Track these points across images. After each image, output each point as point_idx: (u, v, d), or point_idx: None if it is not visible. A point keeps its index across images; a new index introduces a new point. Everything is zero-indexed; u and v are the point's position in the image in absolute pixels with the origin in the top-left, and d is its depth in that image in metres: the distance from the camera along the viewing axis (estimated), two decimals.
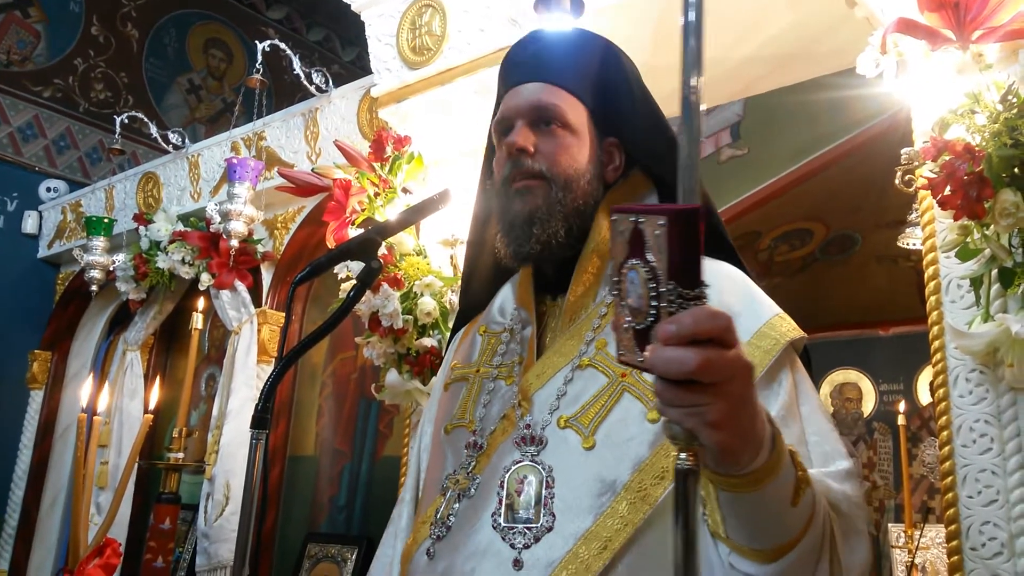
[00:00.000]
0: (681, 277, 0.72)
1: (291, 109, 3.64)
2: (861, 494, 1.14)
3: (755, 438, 0.84)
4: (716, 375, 0.74)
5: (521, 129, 1.33)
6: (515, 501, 1.17)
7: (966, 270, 1.70)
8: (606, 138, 1.37)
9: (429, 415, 1.53)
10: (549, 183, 1.30)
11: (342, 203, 2.65)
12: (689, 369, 0.72)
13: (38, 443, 4.66)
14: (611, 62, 1.40)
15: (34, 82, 5.40)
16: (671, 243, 0.72)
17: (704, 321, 0.73)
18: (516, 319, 1.40)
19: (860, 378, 6.37)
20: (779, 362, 1.19)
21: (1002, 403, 1.67)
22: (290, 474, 3.47)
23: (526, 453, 1.20)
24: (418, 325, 2.51)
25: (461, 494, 1.24)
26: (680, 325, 0.72)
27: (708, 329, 0.73)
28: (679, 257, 0.72)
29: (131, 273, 3.99)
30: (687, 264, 0.72)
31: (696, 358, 0.72)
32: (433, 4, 2.67)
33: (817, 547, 0.98)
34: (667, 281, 0.73)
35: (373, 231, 1.43)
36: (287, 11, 6.92)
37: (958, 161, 1.53)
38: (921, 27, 1.56)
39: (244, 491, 1.28)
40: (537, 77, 1.36)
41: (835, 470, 1.12)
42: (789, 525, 0.94)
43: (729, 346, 0.75)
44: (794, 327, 1.25)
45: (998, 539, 1.62)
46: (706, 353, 0.72)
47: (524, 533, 1.14)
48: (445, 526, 1.22)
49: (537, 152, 1.31)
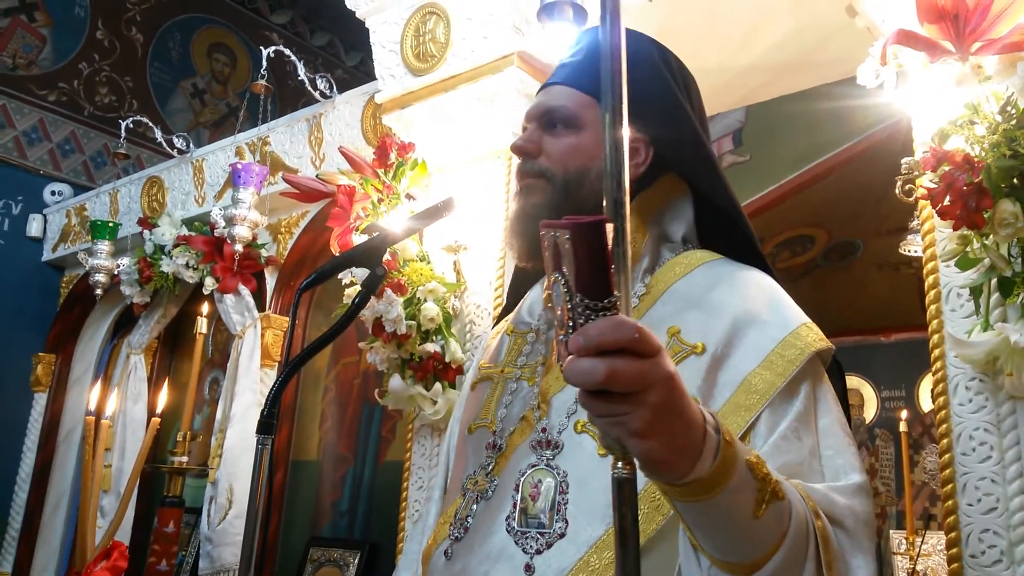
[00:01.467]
0: (588, 289, 0.73)
1: (295, 114, 3.66)
2: (870, 510, 1.12)
3: (689, 448, 0.82)
4: (627, 384, 0.74)
5: (529, 132, 1.37)
6: (529, 505, 1.17)
7: (966, 279, 1.71)
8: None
9: (457, 414, 1.54)
10: (549, 181, 1.32)
11: (346, 209, 2.66)
12: (598, 379, 0.73)
13: (42, 446, 4.67)
14: (640, 58, 1.37)
15: (39, 86, 5.43)
16: (576, 256, 0.73)
17: (608, 332, 0.73)
18: (543, 320, 1.41)
19: (862, 384, 6.37)
20: (802, 372, 1.18)
21: (1002, 411, 1.68)
22: (293, 478, 3.48)
23: (542, 457, 1.20)
24: (421, 331, 2.52)
25: (480, 495, 1.24)
26: (586, 337, 0.73)
27: (614, 339, 0.73)
28: (586, 269, 0.73)
29: (135, 277, 4.01)
30: (594, 276, 0.73)
31: (603, 368, 0.72)
32: (437, 11, 2.68)
33: (798, 561, 0.96)
34: (576, 295, 0.74)
35: (378, 238, 1.44)
36: (291, 15, 6.95)
37: (957, 171, 1.55)
38: (921, 39, 1.57)
39: (250, 496, 1.29)
40: (558, 79, 1.39)
41: (844, 484, 1.11)
42: (757, 539, 0.93)
43: (644, 355, 0.74)
44: (820, 337, 1.24)
45: (998, 547, 1.63)
46: (613, 363, 0.72)
47: (537, 538, 1.14)
48: (463, 527, 1.23)
49: (543, 153, 1.34)
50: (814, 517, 1.01)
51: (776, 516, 0.93)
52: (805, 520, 0.99)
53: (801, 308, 1.30)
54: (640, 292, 1.32)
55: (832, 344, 1.26)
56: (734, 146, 4.31)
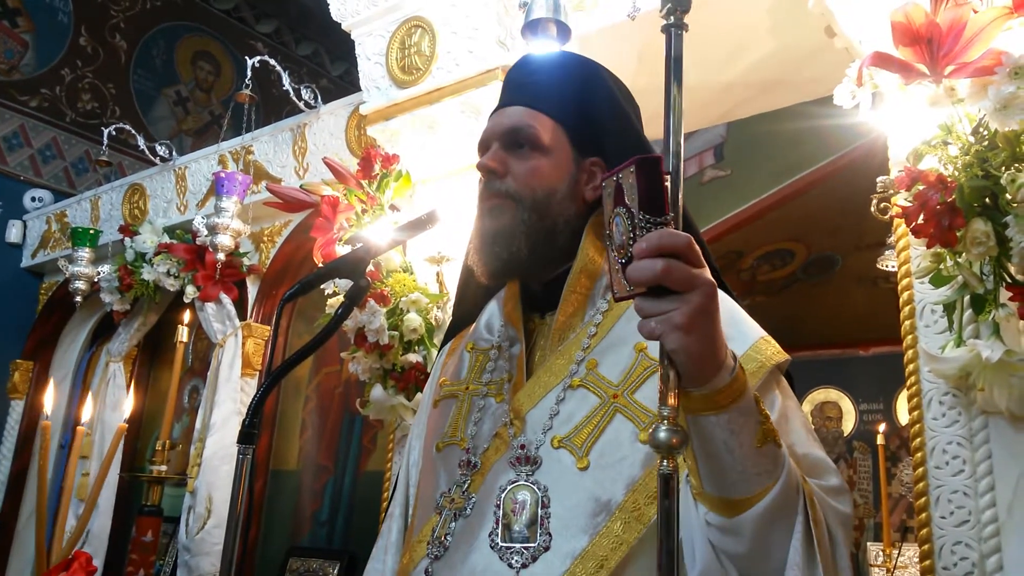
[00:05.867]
0: (649, 208, 0.90)
1: (279, 124, 3.66)
2: (851, 513, 1.16)
3: (716, 353, 0.94)
4: (679, 281, 0.89)
5: (494, 151, 1.37)
6: (511, 520, 1.18)
7: (939, 296, 1.74)
8: (588, 158, 1.38)
9: (417, 430, 1.54)
10: (517, 203, 1.33)
11: (330, 219, 2.67)
12: (658, 270, 0.88)
13: (18, 454, 4.61)
14: (595, 83, 1.42)
15: (21, 91, 5.39)
16: (639, 182, 0.90)
17: (667, 237, 0.88)
18: (504, 336, 1.42)
19: (840, 397, 6.43)
20: (766, 384, 1.21)
21: (974, 426, 1.71)
22: (273, 488, 3.46)
23: (521, 473, 1.22)
24: (403, 341, 2.53)
25: (457, 513, 1.25)
26: (648, 240, 0.89)
27: (670, 243, 0.88)
28: (646, 192, 0.90)
29: (116, 284, 3.98)
30: (652, 197, 0.90)
31: (662, 264, 0.88)
32: (423, 24, 2.70)
33: (790, 508, 1.02)
34: (639, 212, 0.90)
35: (361, 249, 1.45)
36: (276, 25, 6.95)
37: (931, 191, 1.58)
38: (896, 61, 1.60)
39: (230, 505, 1.28)
40: (518, 100, 1.40)
41: (827, 485, 1.14)
42: (754, 471, 0.99)
43: (693, 264, 0.90)
44: (779, 350, 1.27)
45: (969, 559, 1.65)
46: (669, 262, 0.88)
47: (522, 552, 1.16)
48: (442, 545, 1.23)
49: (508, 173, 1.35)
50: (802, 481, 1.06)
51: (772, 456, 1.01)
52: (797, 475, 1.05)
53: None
54: (604, 309, 1.33)
55: (789, 356, 1.29)
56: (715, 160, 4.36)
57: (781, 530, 1.02)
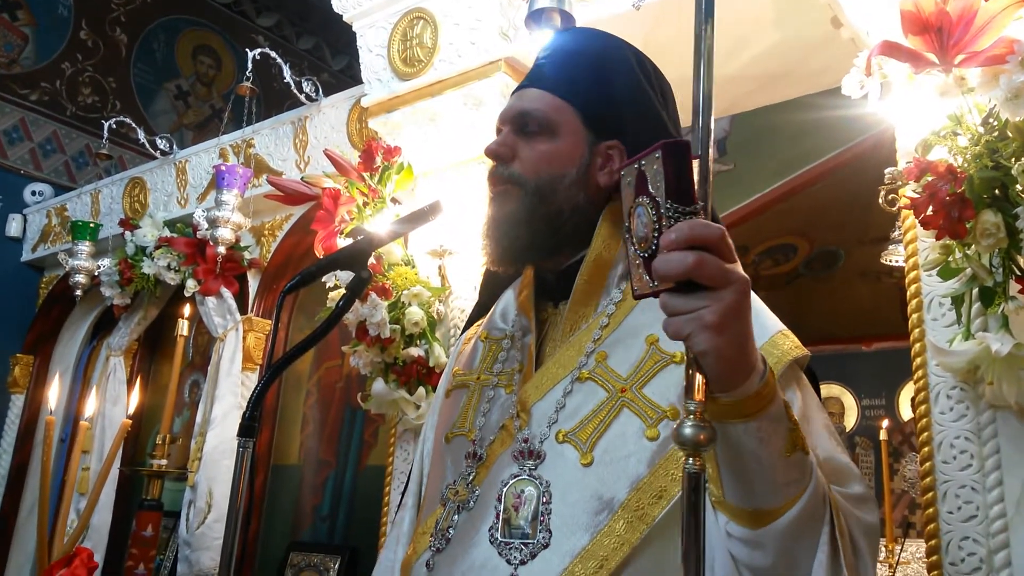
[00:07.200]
0: (677, 196, 0.82)
1: (280, 117, 3.64)
2: (877, 523, 1.11)
3: (747, 357, 0.88)
4: (712, 276, 0.81)
5: (504, 135, 1.34)
6: (512, 516, 1.16)
7: (948, 288, 1.72)
8: (604, 141, 1.33)
9: (431, 421, 1.51)
10: (522, 188, 1.30)
11: (331, 212, 2.65)
12: (688, 264, 0.80)
13: (18, 448, 4.61)
14: (615, 62, 1.37)
15: (21, 85, 5.37)
16: (666, 169, 0.82)
17: (699, 228, 0.81)
18: (517, 325, 1.39)
19: (843, 393, 6.42)
20: (783, 380, 1.16)
21: (982, 420, 1.69)
22: (273, 483, 3.45)
23: (524, 467, 1.19)
24: (405, 335, 2.52)
25: (461, 505, 1.22)
26: (678, 231, 0.81)
27: (702, 235, 0.81)
28: (674, 180, 0.82)
29: (116, 278, 3.97)
30: (681, 185, 0.82)
31: (693, 257, 0.80)
32: (425, 16, 2.68)
33: (816, 520, 0.97)
34: (666, 202, 0.82)
35: (363, 242, 1.43)
36: (277, 18, 6.92)
37: (940, 182, 1.56)
38: (905, 50, 1.58)
39: (230, 500, 1.27)
40: (532, 83, 1.37)
41: (851, 493, 1.09)
42: (781, 482, 0.94)
43: (726, 259, 0.82)
44: (797, 345, 1.23)
45: (977, 554, 1.64)
46: (701, 255, 0.81)
47: (521, 549, 1.13)
48: (444, 538, 1.21)
49: (516, 158, 1.31)
50: (828, 489, 1.02)
51: (800, 465, 0.95)
52: (824, 484, 1.00)
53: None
54: (617, 299, 1.29)
55: (808, 351, 1.25)
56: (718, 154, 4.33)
57: (807, 542, 0.97)
